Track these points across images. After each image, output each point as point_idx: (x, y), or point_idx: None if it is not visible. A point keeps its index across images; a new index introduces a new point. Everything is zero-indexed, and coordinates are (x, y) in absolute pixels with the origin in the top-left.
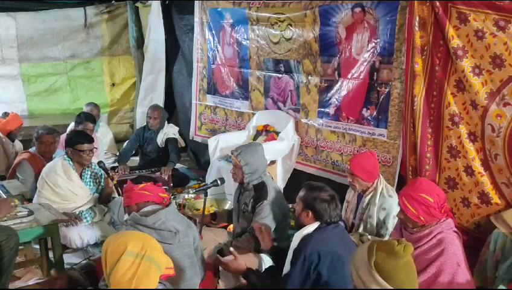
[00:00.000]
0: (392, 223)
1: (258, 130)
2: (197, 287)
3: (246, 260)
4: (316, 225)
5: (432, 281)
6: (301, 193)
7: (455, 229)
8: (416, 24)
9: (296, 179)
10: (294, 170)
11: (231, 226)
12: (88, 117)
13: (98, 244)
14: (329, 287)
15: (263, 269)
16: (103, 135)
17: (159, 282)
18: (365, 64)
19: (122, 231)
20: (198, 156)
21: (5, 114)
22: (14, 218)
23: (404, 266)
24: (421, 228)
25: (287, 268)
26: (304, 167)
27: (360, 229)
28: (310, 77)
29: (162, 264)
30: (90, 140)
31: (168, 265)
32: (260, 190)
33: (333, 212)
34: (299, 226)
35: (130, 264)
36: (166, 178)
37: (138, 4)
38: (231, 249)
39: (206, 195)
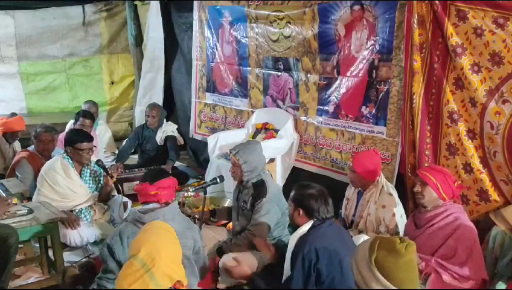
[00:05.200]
0: (392, 220)
1: (257, 128)
2: (195, 287)
3: (246, 260)
4: (309, 223)
5: (452, 254)
6: (291, 194)
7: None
8: (415, 22)
9: (295, 176)
10: (294, 167)
11: (230, 224)
12: (85, 113)
13: (97, 243)
14: (328, 283)
15: (263, 267)
16: (102, 134)
17: None
18: (364, 62)
19: (156, 223)
20: (198, 154)
21: (13, 114)
22: (14, 216)
23: (404, 265)
24: (435, 208)
25: (286, 268)
26: (303, 164)
27: (360, 227)
28: (309, 75)
29: (164, 284)
30: (90, 139)
31: (181, 282)
32: (259, 187)
33: (323, 208)
34: (294, 227)
35: (134, 270)
36: None
37: (137, 2)
38: (233, 255)
39: (205, 193)
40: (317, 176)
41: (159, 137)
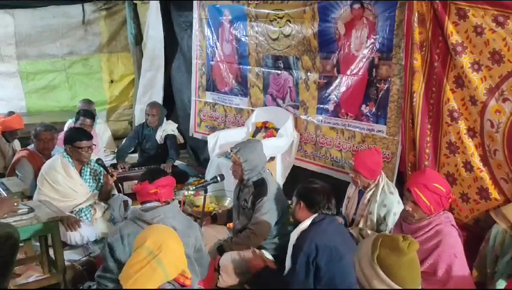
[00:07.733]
0: (392, 219)
1: (257, 126)
2: (195, 286)
3: (248, 256)
4: (310, 219)
5: (431, 272)
6: (295, 191)
7: (453, 223)
8: (415, 20)
9: (295, 175)
10: (294, 166)
11: (231, 223)
12: (85, 113)
13: (98, 241)
14: (327, 280)
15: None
16: (101, 132)
17: (168, 282)
18: (364, 60)
19: (159, 226)
20: (198, 153)
21: (10, 113)
22: (15, 215)
23: (407, 263)
24: (420, 220)
25: (288, 264)
26: (303, 163)
27: (360, 225)
28: (309, 74)
29: (170, 271)
30: (89, 137)
31: (185, 273)
32: (260, 186)
33: (325, 202)
34: (296, 224)
35: (141, 259)
36: None
37: (136, 1)
38: (235, 253)
39: (205, 192)
40: (317, 174)
41: (159, 136)
